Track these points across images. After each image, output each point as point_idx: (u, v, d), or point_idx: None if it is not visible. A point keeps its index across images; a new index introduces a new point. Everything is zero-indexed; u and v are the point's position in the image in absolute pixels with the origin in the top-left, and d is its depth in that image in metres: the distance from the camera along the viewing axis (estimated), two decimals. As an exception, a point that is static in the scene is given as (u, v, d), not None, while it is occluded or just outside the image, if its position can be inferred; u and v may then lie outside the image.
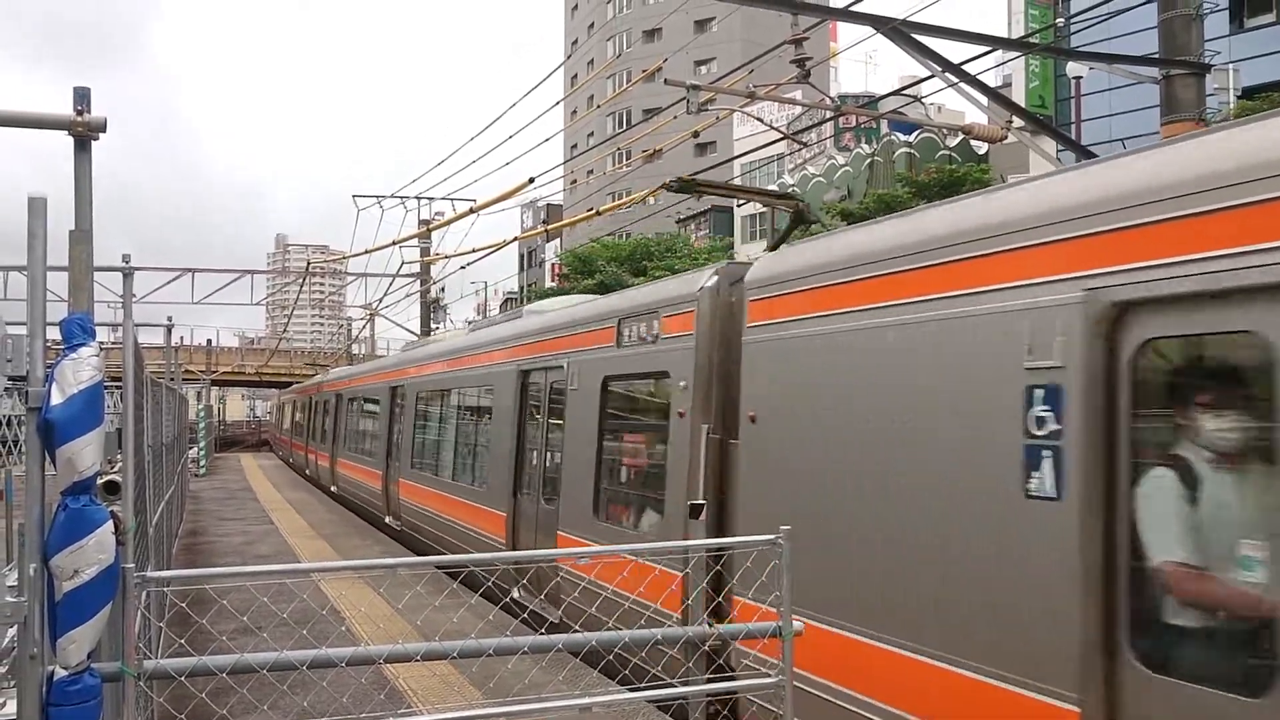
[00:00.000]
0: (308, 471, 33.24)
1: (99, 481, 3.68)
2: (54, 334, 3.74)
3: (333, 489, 26.43)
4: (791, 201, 8.85)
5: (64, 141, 4.03)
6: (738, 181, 58.37)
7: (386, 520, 19.16)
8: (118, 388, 5.79)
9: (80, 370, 3.48)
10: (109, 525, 3.55)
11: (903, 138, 47.80)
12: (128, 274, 7.84)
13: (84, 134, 3.94)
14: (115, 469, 4.56)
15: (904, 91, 19.63)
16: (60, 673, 3.50)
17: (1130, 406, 4.25)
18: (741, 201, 53.84)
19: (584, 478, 9.45)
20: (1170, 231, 4.13)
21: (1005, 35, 29.95)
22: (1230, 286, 3.87)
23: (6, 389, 3.54)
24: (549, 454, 10.76)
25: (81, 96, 3.98)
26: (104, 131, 3.96)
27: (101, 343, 3.79)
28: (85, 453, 3.45)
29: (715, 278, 7.71)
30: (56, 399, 3.44)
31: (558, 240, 76.97)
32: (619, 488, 9.32)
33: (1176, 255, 4.07)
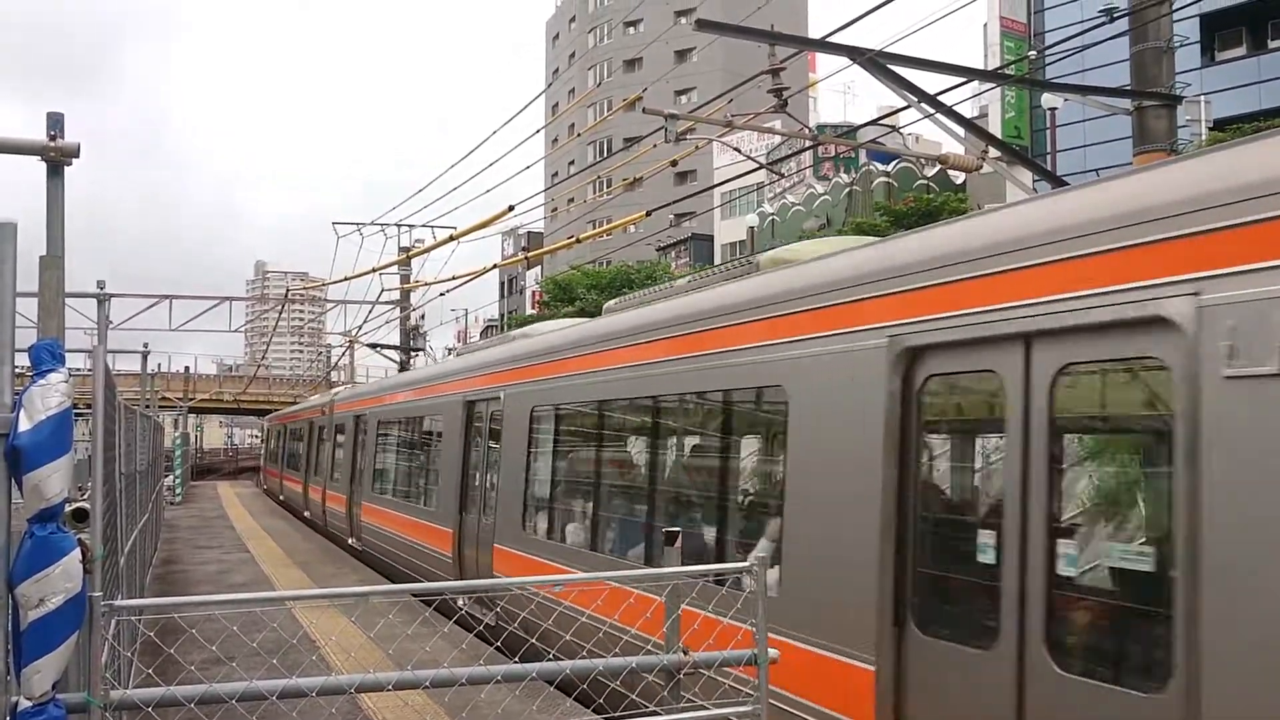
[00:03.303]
0: (309, 513, 25.84)
1: (67, 509, 3.65)
2: (25, 361, 3.72)
3: (352, 541, 20.03)
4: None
5: (33, 166, 4.03)
6: (718, 213, 58.68)
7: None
8: (90, 414, 5.76)
9: (49, 396, 3.46)
10: (76, 553, 3.51)
11: (881, 167, 48.20)
12: (103, 300, 7.82)
13: (57, 159, 3.94)
14: (84, 496, 4.52)
15: (881, 121, 19.80)
16: (24, 704, 3.45)
17: None
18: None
19: None
20: None
21: (981, 67, 30.30)
22: None
23: None
24: None
25: (55, 121, 3.97)
26: (77, 157, 3.96)
27: (76, 369, 3.77)
28: (53, 479, 3.41)
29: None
30: (24, 425, 3.41)
31: (538, 268, 77.01)
32: None
33: None
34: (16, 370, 3.64)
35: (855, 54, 9.94)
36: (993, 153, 12.17)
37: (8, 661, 3.44)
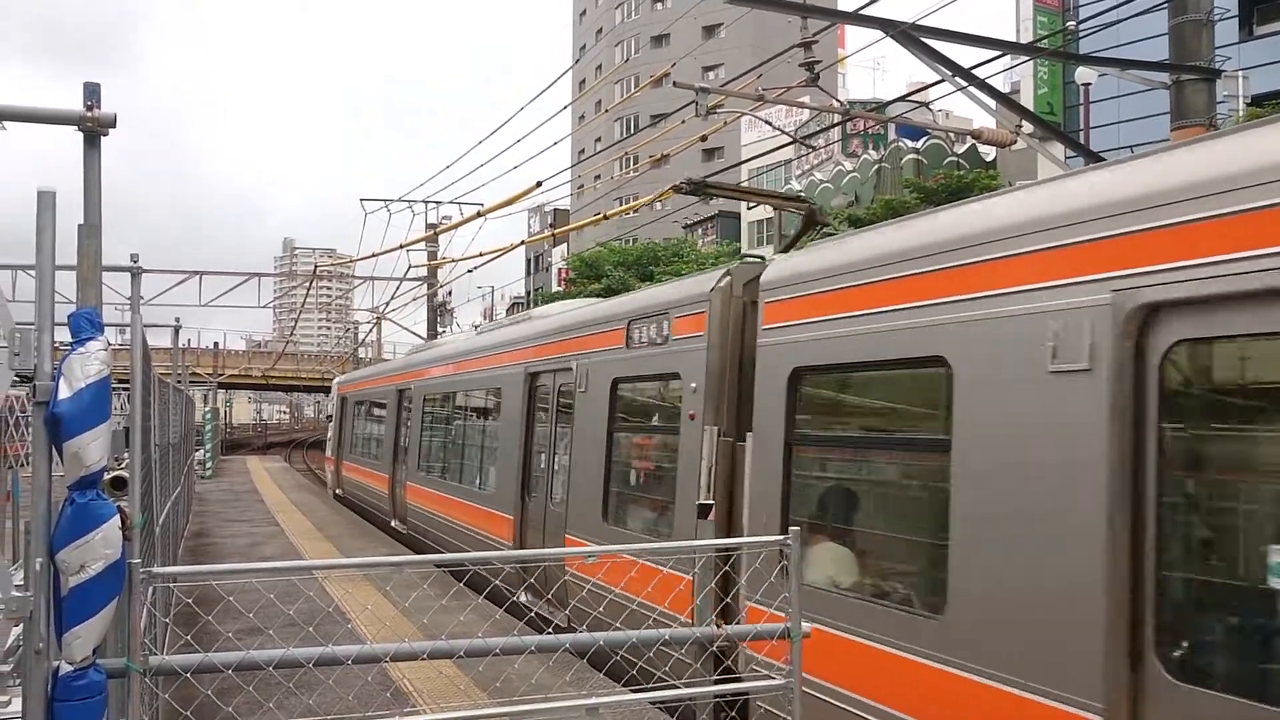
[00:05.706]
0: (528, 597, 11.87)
1: (106, 477, 3.67)
2: (63, 335, 3.73)
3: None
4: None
5: (63, 145, 4.02)
6: (746, 186, 58.33)
7: None
8: (126, 389, 5.81)
9: (88, 364, 3.47)
10: (115, 520, 3.54)
11: (910, 144, 47.76)
12: (136, 274, 7.85)
13: (94, 130, 3.93)
14: (122, 465, 4.55)
15: (911, 97, 19.58)
16: (65, 668, 3.48)
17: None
18: (751, 205, 53.82)
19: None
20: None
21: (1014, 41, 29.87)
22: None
23: (14, 383, 3.53)
24: None
25: (92, 92, 3.97)
26: (113, 127, 3.95)
27: (109, 344, 3.77)
28: (92, 447, 3.43)
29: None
30: (64, 393, 3.42)
31: (565, 245, 77.02)
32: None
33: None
34: (55, 344, 3.66)
35: (888, 27, 9.82)
36: (1026, 128, 12.03)
37: (49, 628, 3.47)
